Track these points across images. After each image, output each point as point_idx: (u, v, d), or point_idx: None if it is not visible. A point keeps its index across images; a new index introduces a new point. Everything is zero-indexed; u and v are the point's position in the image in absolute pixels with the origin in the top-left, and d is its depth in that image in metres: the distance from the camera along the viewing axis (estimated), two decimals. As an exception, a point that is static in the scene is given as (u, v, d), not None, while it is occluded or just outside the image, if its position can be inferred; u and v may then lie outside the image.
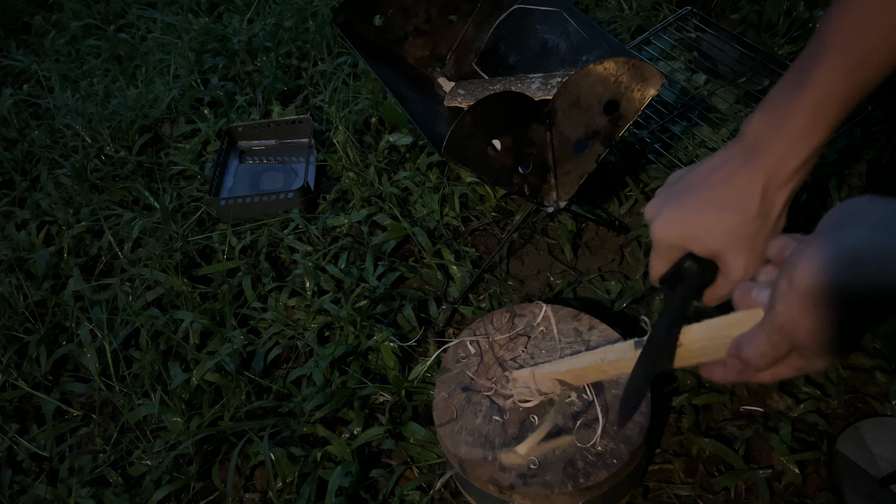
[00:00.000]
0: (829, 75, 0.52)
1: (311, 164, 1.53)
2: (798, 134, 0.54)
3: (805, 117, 0.53)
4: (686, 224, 0.59)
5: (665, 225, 0.60)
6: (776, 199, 0.57)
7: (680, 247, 0.60)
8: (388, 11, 1.33)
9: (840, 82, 0.52)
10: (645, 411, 0.86)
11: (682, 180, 0.61)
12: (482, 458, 0.84)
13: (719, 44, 1.51)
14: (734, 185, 0.57)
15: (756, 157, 0.56)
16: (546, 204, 1.09)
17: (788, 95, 0.54)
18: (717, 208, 0.57)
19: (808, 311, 0.44)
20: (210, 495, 1.05)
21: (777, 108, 0.55)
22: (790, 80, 0.54)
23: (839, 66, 0.52)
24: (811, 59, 0.53)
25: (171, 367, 1.17)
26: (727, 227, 0.57)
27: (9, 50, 2.24)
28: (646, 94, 1.00)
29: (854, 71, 0.51)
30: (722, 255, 0.59)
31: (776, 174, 0.56)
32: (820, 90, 0.52)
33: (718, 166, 0.58)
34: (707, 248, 0.59)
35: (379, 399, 1.11)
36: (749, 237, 0.57)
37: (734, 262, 0.58)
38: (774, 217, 0.58)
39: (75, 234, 1.49)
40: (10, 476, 1.12)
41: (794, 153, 0.55)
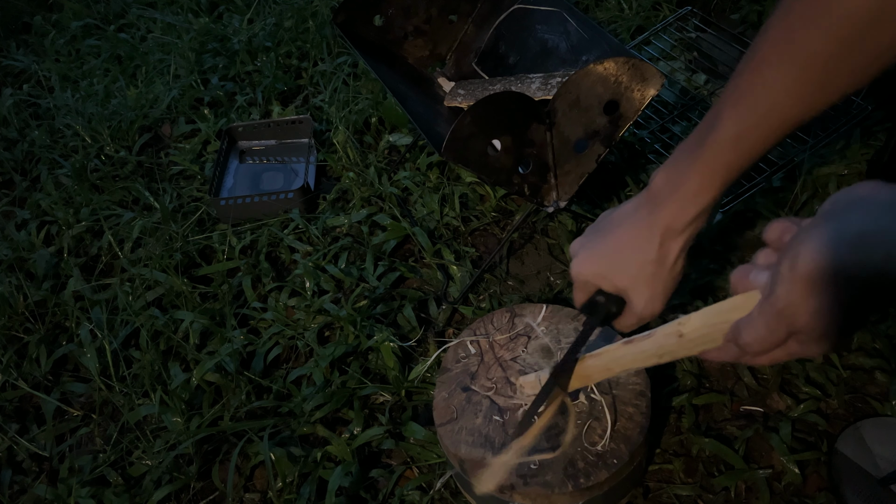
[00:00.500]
0: (716, 148, 0.58)
1: (311, 164, 1.53)
2: (691, 195, 0.62)
3: (696, 182, 0.61)
4: (596, 264, 0.70)
5: (580, 264, 0.71)
6: (672, 246, 0.66)
7: (592, 283, 0.71)
8: (388, 11, 1.33)
9: (725, 155, 0.58)
10: (645, 411, 0.86)
11: (603, 222, 0.71)
12: (482, 458, 0.84)
13: (719, 44, 1.51)
14: (637, 232, 0.66)
15: (657, 210, 0.64)
16: (546, 204, 1.09)
17: (686, 158, 0.61)
18: (622, 252, 0.67)
19: (808, 295, 0.44)
20: (210, 495, 1.05)
21: (677, 168, 0.62)
22: (691, 142, 0.61)
23: (725, 140, 0.58)
24: (708, 126, 0.59)
25: (171, 367, 1.17)
26: (629, 268, 0.67)
27: (9, 50, 2.24)
28: (646, 94, 1.00)
29: (737, 146, 0.58)
30: (626, 292, 0.69)
31: (671, 227, 0.64)
32: (708, 161, 0.59)
33: (630, 213, 0.67)
34: (613, 286, 0.69)
35: (379, 399, 1.11)
36: (649, 278, 0.67)
37: (636, 299, 0.69)
38: (671, 261, 0.67)
39: (75, 234, 1.49)
40: (10, 476, 1.12)
41: (686, 210, 0.63)
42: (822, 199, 1.22)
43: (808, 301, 0.45)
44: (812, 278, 0.44)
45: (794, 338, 0.48)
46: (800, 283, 0.44)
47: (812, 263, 0.43)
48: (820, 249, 0.43)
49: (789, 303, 0.46)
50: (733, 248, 1.20)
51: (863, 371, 1.02)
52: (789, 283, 0.45)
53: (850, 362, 1.03)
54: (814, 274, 0.43)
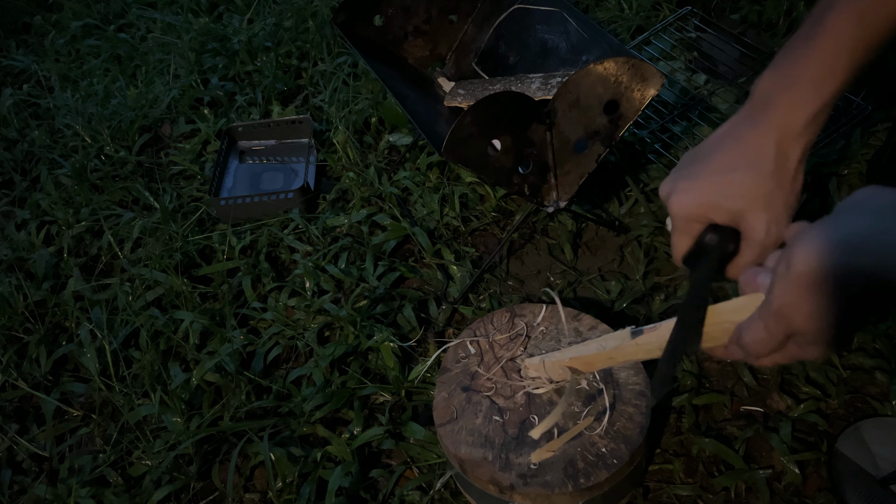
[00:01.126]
0: (838, 24, 0.51)
1: (311, 164, 1.53)
2: (807, 85, 0.52)
3: (814, 68, 0.52)
4: (702, 192, 0.57)
5: (681, 197, 0.58)
6: (790, 154, 0.55)
7: (699, 217, 0.58)
8: (388, 11, 1.33)
9: (850, 31, 0.51)
10: (645, 411, 0.86)
11: (696, 152, 0.59)
12: (482, 458, 0.84)
13: (719, 44, 1.51)
14: (746, 144, 0.55)
15: (766, 113, 0.55)
16: (546, 204, 1.09)
17: (797, 49, 0.53)
18: (731, 170, 0.56)
19: (804, 296, 0.43)
20: (210, 495, 1.05)
21: (786, 63, 0.54)
22: (800, 36, 0.53)
23: (849, 15, 0.50)
24: (821, 11, 0.52)
25: (171, 367, 1.17)
26: (743, 186, 0.55)
27: (9, 50, 2.24)
28: (646, 94, 1.00)
29: (864, 19, 0.50)
30: (742, 216, 0.56)
31: (788, 127, 0.54)
32: (829, 39, 0.51)
33: (729, 131, 0.57)
34: (726, 213, 0.56)
35: (379, 399, 1.11)
36: (767, 195, 0.55)
37: (756, 223, 0.56)
38: (791, 173, 0.55)
39: (75, 234, 1.49)
40: (10, 476, 1.12)
41: (804, 105, 0.53)
42: (822, 199, 1.22)
43: (803, 302, 0.44)
44: (807, 280, 0.43)
45: (792, 340, 0.48)
46: (795, 285, 0.44)
47: (806, 265, 0.42)
48: (815, 250, 0.42)
49: (785, 303, 0.45)
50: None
51: (863, 371, 1.02)
52: (785, 284, 0.44)
53: (850, 362, 1.03)
54: (809, 275, 0.43)
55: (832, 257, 0.42)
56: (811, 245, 0.43)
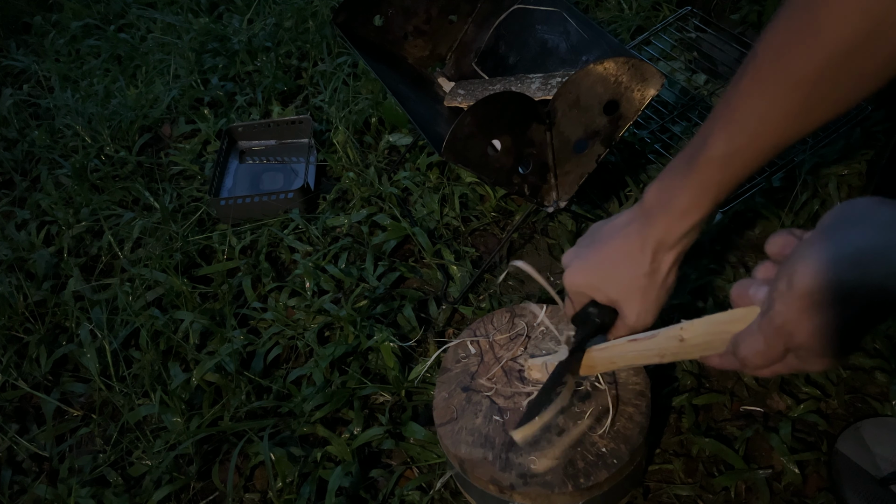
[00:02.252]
0: (706, 167, 0.59)
1: (311, 164, 1.53)
2: (681, 212, 0.63)
3: (687, 199, 0.62)
4: (589, 275, 0.70)
5: (572, 274, 0.72)
6: (664, 260, 0.67)
7: (584, 295, 0.72)
8: (388, 11, 1.33)
9: (715, 174, 0.59)
10: (645, 411, 0.86)
11: (595, 233, 0.72)
12: (482, 458, 0.84)
13: (719, 44, 1.51)
14: (630, 245, 0.67)
15: (649, 224, 0.65)
16: (546, 204, 1.09)
17: (678, 174, 0.62)
18: (615, 264, 0.68)
19: (807, 313, 0.44)
20: (210, 495, 1.05)
21: (669, 184, 0.63)
22: (682, 159, 0.62)
23: (714, 159, 0.58)
24: (699, 144, 0.60)
25: (171, 367, 1.17)
26: (622, 280, 0.68)
27: (9, 50, 2.24)
28: (646, 94, 1.00)
29: (726, 165, 0.58)
30: (618, 303, 0.70)
31: (663, 241, 0.65)
32: (698, 179, 0.60)
33: (622, 226, 0.68)
34: (606, 297, 0.70)
35: (379, 399, 1.11)
36: (641, 290, 0.68)
37: (628, 311, 0.69)
38: (663, 274, 0.68)
39: (75, 234, 1.49)
40: (10, 476, 1.12)
41: (677, 226, 0.64)
42: (822, 199, 1.22)
43: (806, 318, 0.44)
44: (810, 296, 0.43)
45: (793, 353, 0.48)
46: (797, 301, 0.44)
47: (810, 281, 0.43)
48: (818, 267, 0.43)
49: (787, 320, 0.46)
50: (733, 248, 1.20)
51: (863, 371, 1.02)
52: (787, 300, 0.45)
53: (850, 362, 1.03)
54: (812, 291, 0.43)
55: (837, 274, 0.42)
56: (814, 261, 0.43)
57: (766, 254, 0.52)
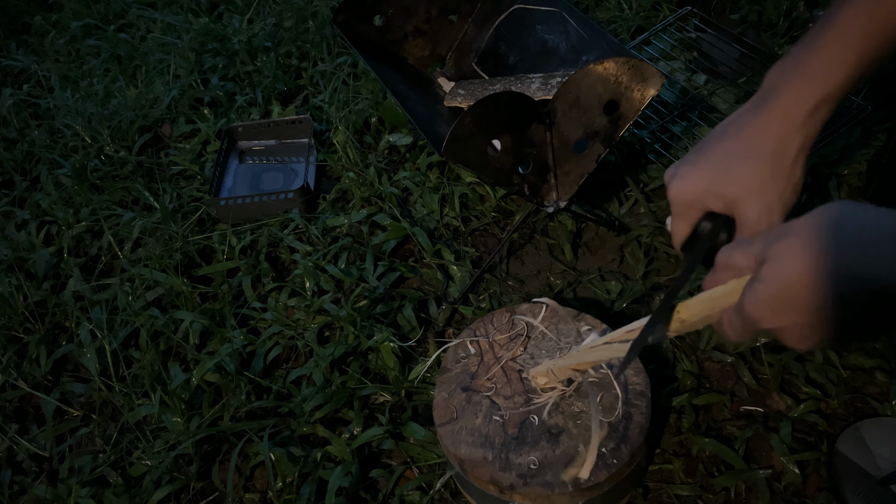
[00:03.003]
0: (849, 18, 0.51)
1: (311, 164, 1.53)
2: (812, 75, 0.52)
3: (820, 58, 0.52)
4: (699, 179, 0.57)
5: (680, 183, 0.59)
6: (790, 144, 0.55)
7: (696, 203, 0.59)
8: (388, 11, 1.33)
9: (860, 26, 0.51)
10: (645, 411, 0.86)
11: (704, 140, 0.60)
12: (482, 458, 0.84)
13: (719, 44, 1.51)
14: (747, 133, 0.56)
15: (769, 102, 0.55)
16: (546, 204, 1.09)
17: (808, 41, 0.53)
18: (730, 158, 0.56)
19: (770, 312, 0.47)
20: (210, 495, 1.05)
21: (794, 54, 0.54)
22: (813, 29, 0.53)
23: (861, 7, 0.51)
24: (836, 5, 0.52)
25: (171, 367, 1.17)
26: (740, 174, 0.56)
27: (9, 50, 2.24)
28: (646, 94, 1.00)
29: (876, 15, 0.50)
30: (737, 203, 0.56)
31: (789, 117, 0.54)
32: (838, 32, 0.52)
33: (735, 119, 0.57)
34: (721, 199, 0.57)
35: (379, 399, 1.11)
36: (762, 183, 0.55)
37: (749, 210, 0.56)
38: (789, 163, 0.55)
39: (75, 234, 1.49)
40: (10, 476, 1.12)
41: (806, 95, 0.53)
42: (822, 199, 1.22)
43: (769, 317, 0.48)
44: (773, 301, 0.47)
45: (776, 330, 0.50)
46: (766, 300, 0.47)
47: (771, 288, 0.46)
48: (784, 274, 0.46)
49: (754, 316, 0.48)
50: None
51: (863, 371, 1.02)
52: (754, 299, 0.48)
53: (850, 362, 1.03)
54: (773, 297, 0.46)
55: (801, 280, 0.44)
56: (778, 268, 0.46)
57: None
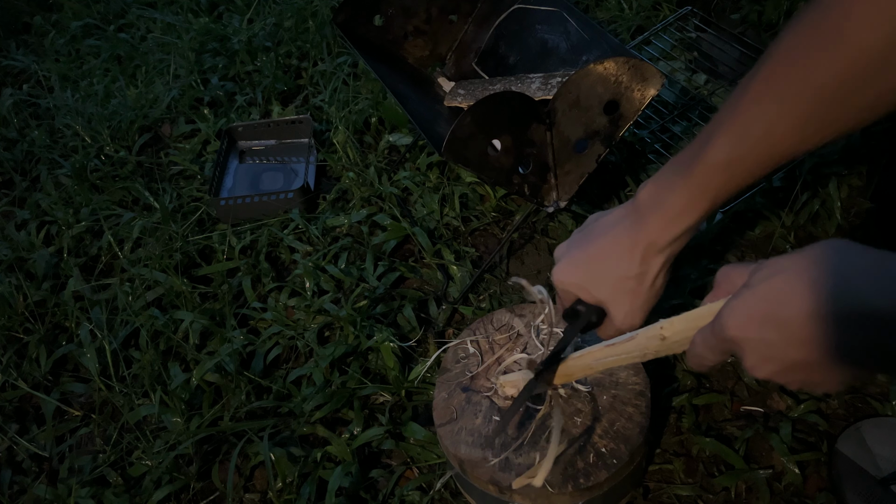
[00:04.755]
0: (705, 171, 0.58)
1: (311, 164, 1.53)
2: (675, 214, 0.61)
3: (682, 200, 0.60)
4: (577, 274, 0.69)
5: (561, 271, 0.71)
6: (653, 263, 0.65)
7: (572, 292, 0.71)
8: (388, 11, 1.33)
9: (713, 179, 0.58)
10: (645, 411, 0.86)
11: (588, 227, 0.70)
12: (482, 458, 0.84)
13: (719, 44, 1.51)
14: (620, 245, 0.66)
15: (640, 225, 0.64)
16: (546, 204, 1.09)
17: (675, 175, 0.61)
18: (603, 265, 0.67)
19: (726, 348, 0.53)
20: (210, 495, 1.05)
21: (664, 184, 0.62)
22: (681, 160, 0.61)
23: (715, 164, 0.56)
24: (699, 146, 0.58)
25: (171, 367, 1.17)
26: (609, 281, 0.67)
27: (9, 50, 2.24)
28: (646, 94, 1.00)
29: (726, 171, 0.56)
30: (605, 304, 0.69)
31: (654, 243, 0.64)
32: (696, 182, 0.59)
33: (614, 224, 0.67)
34: (593, 297, 0.69)
35: (379, 399, 1.11)
36: (629, 292, 0.67)
37: (615, 312, 0.69)
38: (651, 277, 0.66)
39: (75, 234, 1.49)
40: (10, 476, 1.12)
41: (670, 228, 0.62)
42: (822, 199, 1.22)
43: (726, 352, 0.53)
44: (732, 341, 0.50)
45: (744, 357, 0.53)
46: (725, 337, 0.51)
47: (731, 331, 0.50)
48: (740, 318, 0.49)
49: (728, 335, 0.51)
50: (733, 248, 1.20)
51: (863, 371, 1.02)
52: (717, 334, 0.51)
53: (851, 362, 1.03)
54: (733, 339, 0.50)
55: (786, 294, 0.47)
56: (738, 312, 0.50)
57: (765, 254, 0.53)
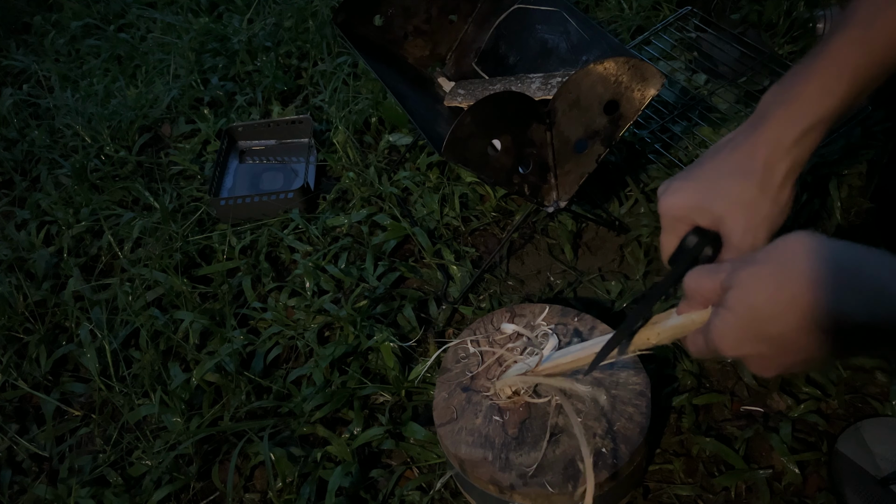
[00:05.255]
0: (842, 46, 0.52)
1: (311, 164, 1.53)
2: (802, 102, 0.53)
3: (813, 84, 0.53)
4: (689, 194, 0.59)
5: (669, 197, 0.61)
6: (778, 167, 0.56)
7: (684, 218, 0.60)
8: (388, 11, 1.33)
9: (852, 55, 0.51)
10: (645, 411, 0.86)
11: (700, 158, 0.61)
12: (482, 458, 0.84)
13: (719, 44, 1.50)
14: (738, 153, 0.57)
15: (761, 125, 0.56)
16: (546, 204, 1.09)
17: (803, 66, 0.54)
18: (720, 175, 0.58)
19: (728, 344, 0.50)
20: (210, 495, 1.05)
21: (789, 78, 0.55)
22: (809, 54, 0.54)
23: (854, 38, 0.51)
24: (832, 32, 0.53)
25: (171, 367, 1.17)
26: (728, 192, 0.57)
27: (9, 50, 2.24)
28: (646, 94, 1.00)
29: (869, 44, 0.51)
30: (723, 220, 0.58)
31: (779, 141, 0.55)
32: (830, 60, 0.52)
33: (729, 139, 0.59)
34: (709, 215, 0.59)
35: (379, 399, 1.11)
36: (750, 203, 0.57)
37: (734, 227, 0.58)
38: (776, 185, 0.57)
39: (75, 234, 1.49)
40: (10, 476, 1.12)
41: (797, 120, 0.54)
42: (822, 199, 1.22)
43: (726, 346, 0.51)
44: (731, 338, 0.49)
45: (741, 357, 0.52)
46: (726, 333, 0.50)
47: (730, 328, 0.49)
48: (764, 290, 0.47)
49: (716, 342, 0.51)
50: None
51: (863, 371, 1.02)
52: (720, 328, 0.50)
53: (851, 362, 1.03)
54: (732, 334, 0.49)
55: (765, 309, 0.46)
56: (743, 297, 0.48)
57: None
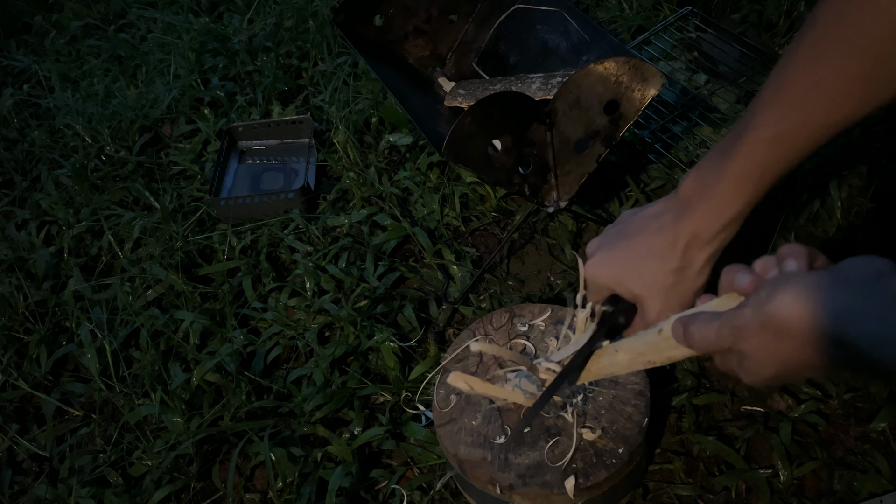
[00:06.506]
0: (752, 149, 0.54)
1: (311, 164, 1.53)
2: (721, 202, 0.57)
3: (728, 187, 0.56)
4: (613, 268, 0.65)
5: (596, 265, 0.66)
6: (697, 257, 0.61)
7: (606, 287, 0.67)
8: (388, 11, 1.33)
9: (761, 157, 0.54)
10: (644, 411, 0.86)
11: (624, 222, 0.66)
12: (481, 458, 0.84)
13: (720, 44, 1.51)
14: (661, 238, 0.62)
15: (684, 216, 0.60)
16: (546, 204, 1.09)
17: (718, 161, 0.57)
18: (642, 258, 0.63)
19: (764, 331, 0.46)
20: (210, 495, 1.05)
21: (707, 172, 0.58)
22: (723, 146, 0.57)
23: (762, 140, 0.53)
24: (742, 128, 0.55)
25: (171, 367, 1.17)
26: (647, 275, 0.62)
27: (9, 50, 2.24)
28: (646, 94, 1.00)
29: (775, 147, 0.54)
30: (641, 300, 0.64)
31: (698, 235, 0.60)
32: (743, 162, 0.55)
33: (655, 217, 0.63)
34: (628, 292, 0.65)
35: (379, 399, 1.11)
36: (667, 288, 0.62)
37: (650, 309, 0.63)
38: (694, 272, 0.62)
39: (75, 234, 1.49)
40: (10, 476, 1.12)
41: (715, 218, 0.59)
42: (822, 199, 1.22)
43: (760, 335, 0.46)
44: (775, 323, 0.44)
45: (734, 354, 0.49)
46: (763, 316, 0.45)
47: (783, 311, 0.44)
48: (798, 302, 0.43)
49: (745, 326, 0.47)
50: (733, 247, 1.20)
51: (863, 371, 1.02)
52: (756, 311, 0.46)
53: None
54: (779, 320, 0.44)
55: (809, 317, 0.43)
56: (798, 296, 0.44)
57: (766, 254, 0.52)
